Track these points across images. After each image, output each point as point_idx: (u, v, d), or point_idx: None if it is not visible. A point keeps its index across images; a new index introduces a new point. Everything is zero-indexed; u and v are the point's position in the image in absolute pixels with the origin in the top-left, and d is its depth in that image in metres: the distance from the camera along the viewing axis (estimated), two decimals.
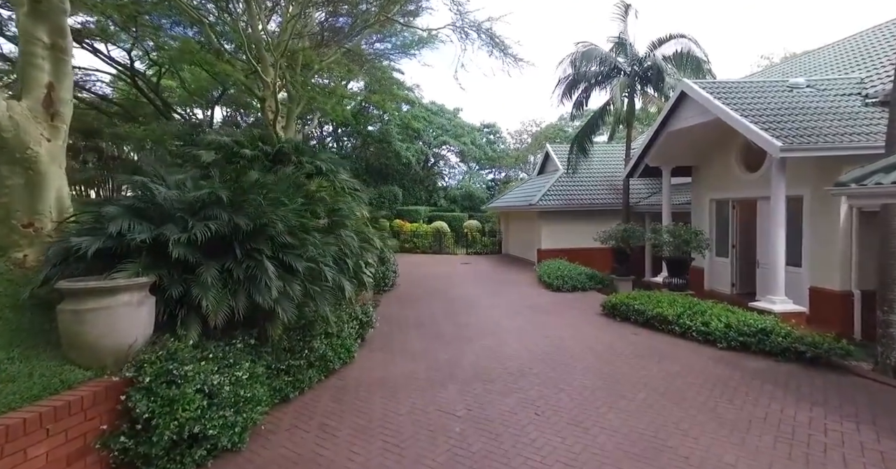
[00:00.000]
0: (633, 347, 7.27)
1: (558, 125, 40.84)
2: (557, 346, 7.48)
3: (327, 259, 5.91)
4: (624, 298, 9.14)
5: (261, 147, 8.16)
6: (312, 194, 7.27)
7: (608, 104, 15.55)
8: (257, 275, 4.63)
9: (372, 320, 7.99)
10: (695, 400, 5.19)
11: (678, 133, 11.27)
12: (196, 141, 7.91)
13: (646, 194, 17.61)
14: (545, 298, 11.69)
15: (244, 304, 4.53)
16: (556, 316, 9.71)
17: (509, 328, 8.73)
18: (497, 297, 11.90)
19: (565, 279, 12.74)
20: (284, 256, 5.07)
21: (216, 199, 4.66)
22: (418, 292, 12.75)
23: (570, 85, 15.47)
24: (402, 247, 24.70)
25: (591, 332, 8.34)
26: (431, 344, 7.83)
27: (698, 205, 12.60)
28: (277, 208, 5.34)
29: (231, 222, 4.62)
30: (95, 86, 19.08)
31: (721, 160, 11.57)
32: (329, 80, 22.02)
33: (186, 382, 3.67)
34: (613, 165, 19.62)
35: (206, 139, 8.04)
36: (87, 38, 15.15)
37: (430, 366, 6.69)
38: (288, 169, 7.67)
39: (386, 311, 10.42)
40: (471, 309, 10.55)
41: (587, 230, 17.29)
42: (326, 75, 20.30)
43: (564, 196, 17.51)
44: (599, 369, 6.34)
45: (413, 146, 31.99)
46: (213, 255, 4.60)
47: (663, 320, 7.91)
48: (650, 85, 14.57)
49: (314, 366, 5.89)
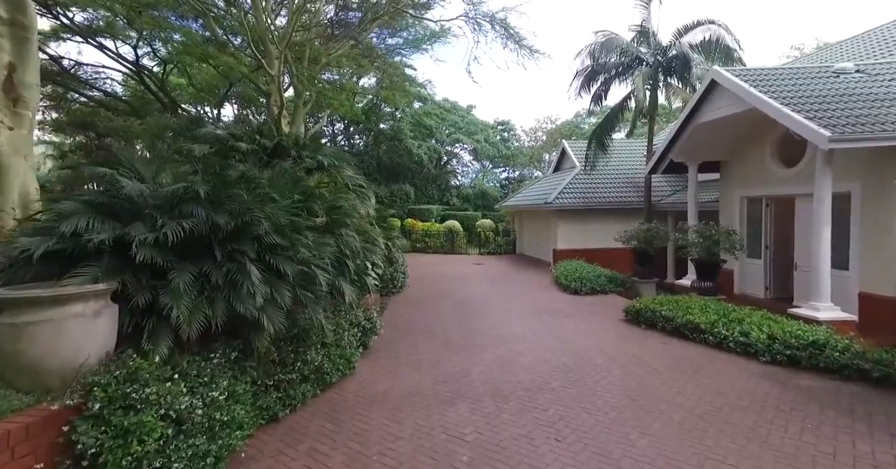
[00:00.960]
0: (662, 359, 6.57)
1: (574, 122, 39.93)
2: (578, 357, 6.81)
3: (324, 261, 5.35)
4: (649, 303, 8.42)
5: (258, 141, 7.65)
6: (311, 191, 6.73)
7: (629, 97, 14.76)
8: (239, 280, 4.08)
9: (376, 326, 7.43)
10: (741, 425, 4.50)
11: (707, 126, 10.48)
12: (193, 135, 7.43)
13: (668, 192, 16.75)
14: (562, 302, 11.00)
15: (223, 314, 3.98)
16: (574, 322, 9.03)
17: (524, 335, 8.09)
18: (511, 300, 11.25)
19: (584, 281, 12.03)
20: (272, 259, 4.52)
21: (193, 195, 4.12)
22: (428, 294, 12.17)
23: (589, 77, 14.72)
24: (414, 246, 24.16)
25: (614, 340, 7.65)
26: (440, 352, 7.23)
27: (727, 203, 11.77)
28: (266, 205, 4.79)
29: (209, 220, 4.07)
30: (105, 84, 18.91)
31: (754, 154, 10.74)
32: (339, 77, 21.60)
33: (147, 407, 3.13)
34: (633, 162, 18.79)
35: (200, 132, 7.56)
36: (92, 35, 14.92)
37: (437, 378, 6.09)
38: (286, 163, 7.15)
39: (393, 314, 9.87)
40: (483, 313, 9.93)
41: (606, 230, 16.53)
42: (336, 71, 19.87)
43: (582, 194, 16.76)
44: (626, 385, 5.67)
45: (425, 144, 31.43)
46: (189, 257, 4.06)
47: (695, 329, 7.18)
48: (674, 76, 13.75)
49: (308, 380, 5.33)
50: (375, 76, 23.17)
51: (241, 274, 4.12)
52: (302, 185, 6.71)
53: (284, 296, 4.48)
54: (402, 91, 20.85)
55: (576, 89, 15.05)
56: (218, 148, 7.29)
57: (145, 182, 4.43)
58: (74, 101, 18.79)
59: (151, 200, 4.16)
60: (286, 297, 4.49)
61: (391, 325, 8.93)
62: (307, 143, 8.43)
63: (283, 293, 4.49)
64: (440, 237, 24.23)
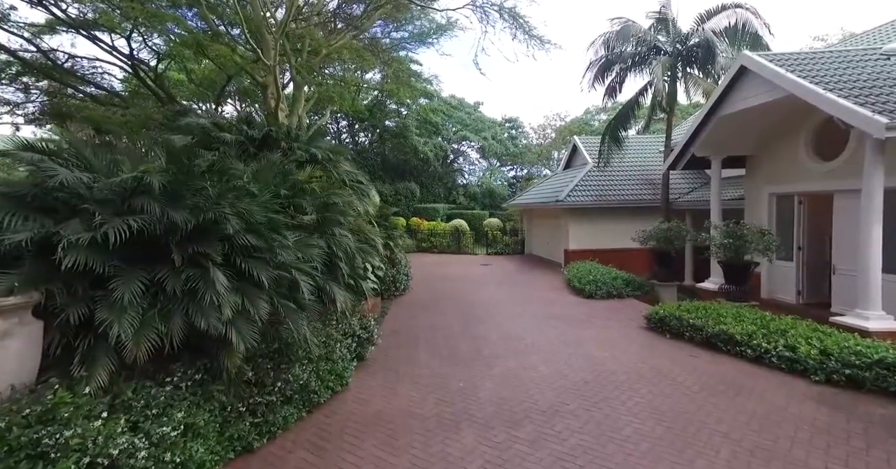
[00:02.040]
0: (694, 375, 5.81)
1: (584, 119, 39.03)
2: (598, 371, 6.07)
3: (309, 264, 4.67)
4: (674, 310, 7.65)
5: (245, 131, 6.99)
6: (300, 185, 6.05)
7: (645, 89, 13.94)
8: (201, 288, 3.40)
9: (373, 336, 6.73)
10: (805, 464, 3.74)
11: (733, 117, 9.66)
12: (174, 126, 6.78)
13: (686, 189, 15.92)
14: (577, 307, 10.24)
15: (181, 330, 3.31)
16: (591, 329, 8.28)
17: (537, 345, 7.36)
18: (521, 305, 10.51)
19: (599, 284, 11.26)
20: (245, 263, 3.84)
21: (146, 188, 3.44)
22: (433, 298, 11.47)
23: (603, 68, 13.91)
24: (419, 246, 23.48)
25: (636, 351, 6.90)
26: (444, 365, 6.52)
27: (754, 200, 10.94)
28: (240, 200, 4.11)
29: (165, 217, 3.40)
30: (102, 79, 18.39)
31: (785, 148, 9.91)
32: (342, 72, 20.95)
33: (66, 455, 2.46)
34: (649, 158, 17.97)
35: (182, 122, 6.91)
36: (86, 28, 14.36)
37: (440, 397, 5.38)
38: (274, 155, 6.48)
39: (394, 320, 9.18)
40: (491, 319, 9.21)
41: (620, 229, 15.75)
42: (339, 65, 19.20)
43: (595, 191, 15.95)
44: (657, 407, 4.93)
45: (431, 141, 30.70)
46: (142, 262, 3.39)
47: (729, 340, 6.40)
48: (695, 66, 12.90)
49: (292, 401, 4.65)
50: (380, 71, 22.50)
51: (204, 281, 3.44)
52: (290, 179, 6.04)
53: (259, 306, 3.81)
54: (407, 86, 20.12)
55: (589, 81, 14.26)
56: (200, 139, 6.63)
57: (96, 172, 3.76)
58: (71, 97, 18.27)
59: (98, 193, 3.49)
60: (261, 308, 3.81)
61: (391, 331, 8.25)
62: (300, 134, 7.75)
63: (258, 303, 3.81)
64: (446, 237, 23.52)
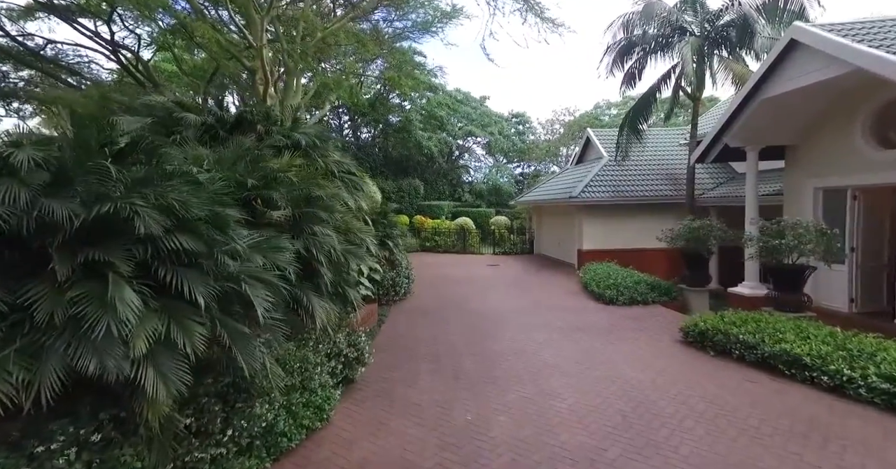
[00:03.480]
0: (759, 409, 4.69)
1: (593, 113, 37.81)
2: (636, 401, 4.97)
3: (277, 272, 3.60)
4: (718, 323, 6.53)
5: (215, 112, 5.93)
6: (272, 175, 4.98)
7: (668, 75, 12.79)
8: (92, 314, 2.33)
9: (364, 355, 5.66)
10: None
11: (777, 100, 8.50)
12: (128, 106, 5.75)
13: (710, 185, 14.74)
14: (598, 315, 9.12)
15: (57, 377, 2.24)
16: (619, 343, 7.17)
17: (557, 364, 6.26)
18: (535, 312, 9.41)
19: (620, 289, 10.13)
20: (173, 273, 2.77)
21: (10, 168, 2.38)
22: (436, 303, 10.39)
23: (623, 51, 12.76)
24: (423, 245, 22.40)
25: (678, 373, 5.78)
26: (448, 389, 5.45)
27: (794, 196, 9.75)
28: (175, 189, 3.03)
29: (36, 209, 2.33)
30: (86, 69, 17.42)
31: (836, 135, 8.73)
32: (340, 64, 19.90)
33: None
34: (669, 151, 16.81)
35: (140, 101, 5.86)
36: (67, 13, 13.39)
37: (443, 436, 4.30)
38: (246, 140, 5.41)
39: (392, 330, 8.11)
40: (501, 329, 8.11)
41: (638, 227, 14.65)
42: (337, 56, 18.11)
43: (611, 187, 14.79)
44: (724, 459, 3.81)
45: (436, 136, 29.57)
46: (5, 274, 2.33)
47: (793, 363, 5.27)
48: (725, 48, 11.71)
49: (252, 449, 3.59)
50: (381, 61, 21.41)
51: (101, 303, 2.37)
52: (261, 166, 4.97)
53: (192, 333, 2.74)
54: (408, 76, 19.04)
55: (607, 66, 13.10)
56: (160, 120, 5.58)
57: None
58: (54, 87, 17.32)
59: None
60: (195, 336, 2.74)
61: (388, 344, 7.18)
62: (282, 117, 6.69)
63: (191, 329, 2.74)
64: (451, 235, 22.42)
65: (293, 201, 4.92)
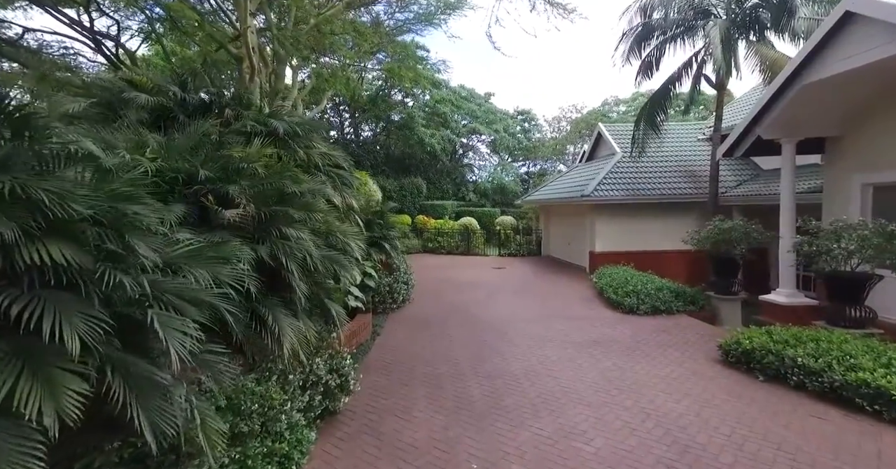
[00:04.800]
0: (840, 459, 3.71)
1: (601, 110, 36.74)
2: (682, 446, 4.01)
3: (209, 291, 2.69)
4: (766, 341, 5.55)
5: (174, 93, 5.02)
6: (234, 165, 4.07)
7: (690, 62, 11.80)
8: None
9: (349, 381, 4.72)
10: None
11: (823, 85, 7.51)
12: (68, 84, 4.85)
13: (732, 183, 13.71)
14: (618, 327, 8.15)
15: None
16: (648, 363, 6.20)
17: (577, 390, 5.31)
18: (547, 323, 8.45)
19: (641, 296, 9.15)
20: (28, 302, 1.85)
21: None
22: (437, 312, 9.45)
23: (641, 37, 11.78)
24: (425, 246, 21.47)
25: (726, 405, 4.81)
26: (449, 423, 4.52)
27: (836, 193, 8.74)
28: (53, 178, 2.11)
29: None
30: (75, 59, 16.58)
31: (887, 123, 7.74)
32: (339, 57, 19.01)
33: None
34: (688, 147, 15.83)
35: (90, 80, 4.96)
36: None
37: None
38: (205, 124, 4.49)
39: (387, 344, 7.17)
40: (510, 344, 7.17)
41: (653, 228, 13.68)
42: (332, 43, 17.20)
43: (626, 185, 13.80)
44: None
45: (438, 133, 28.62)
46: None
47: (875, 397, 4.30)
48: (754, 31, 10.69)
49: None
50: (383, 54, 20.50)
51: None
52: (219, 155, 4.06)
53: (59, 392, 1.82)
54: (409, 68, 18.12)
55: (623, 54, 12.12)
56: (105, 101, 4.67)
57: None
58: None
59: None
60: (64, 396, 1.82)
61: (381, 363, 6.26)
62: (260, 104, 5.78)
63: (56, 384, 1.82)
64: (455, 236, 21.46)
65: (260, 198, 4.01)
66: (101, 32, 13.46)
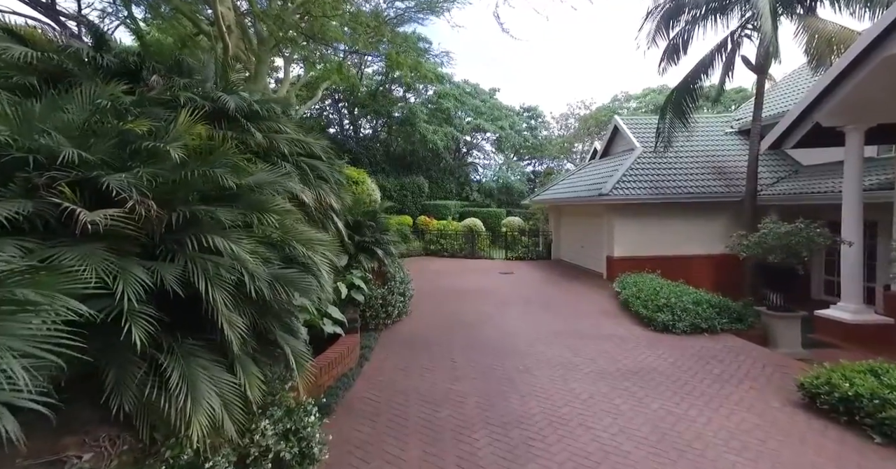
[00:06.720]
0: None
1: (611, 107, 35.34)
2: None
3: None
4: (877, 387, 4.19)
5: (73, 49, 3.72)
6: (134, 145, 2.76)
7: (724, 44, 10.44)
8: None
9: (311, 448, 3.39)
10: None
11: None
12: None
13: (769, 180, 12.34)
14: (654, 350, 6.79)
15: None
16: (704, 406, 4.85)
17: (624, 451, 3.97)
18: (566, 344, 7.11)
19: (676, 311, 7.80)
20: None
21: None
22: (439, 329, 8.12)
23: (668, 16, 10.45)
24: (427, 249, 20.14)
25: None
26: None
27: None
28: None
29: None
30: None
31: None
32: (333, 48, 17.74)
33: None
34: (716, 141, 14.48)
35: None
36: None
37: None
38: (109, 88, 3.19)
39: (376, 375, 5.82)
40: (528, 376, 5.83)
41: (678, 230, 12.35)
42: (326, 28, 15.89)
43: (649, 183, 12.44)
44: None
45: (442, 130, 27.31)
46: None
47: None
48: (802, 4, 9.32)
49: None
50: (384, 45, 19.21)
51: None
52: (109, 129, 2.76)
53: None
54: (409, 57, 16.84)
55: (648, 34, 10.78)
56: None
57: None
58: None
59: None
60: None
61: (366, 403, 4.92)
62: (192, 67, 4.46)
63: None
64: (458, 238, 20.12)
65: (170, 193, 2.70)
66: (64, 12, 12.16)
